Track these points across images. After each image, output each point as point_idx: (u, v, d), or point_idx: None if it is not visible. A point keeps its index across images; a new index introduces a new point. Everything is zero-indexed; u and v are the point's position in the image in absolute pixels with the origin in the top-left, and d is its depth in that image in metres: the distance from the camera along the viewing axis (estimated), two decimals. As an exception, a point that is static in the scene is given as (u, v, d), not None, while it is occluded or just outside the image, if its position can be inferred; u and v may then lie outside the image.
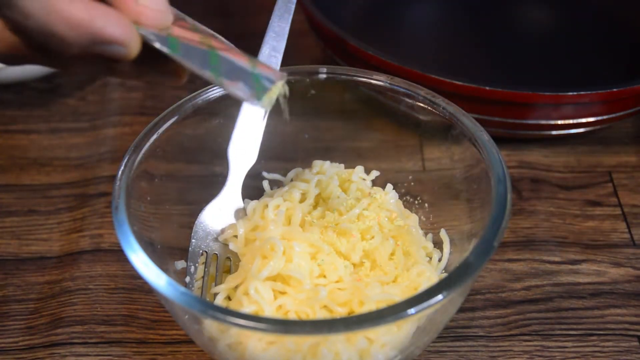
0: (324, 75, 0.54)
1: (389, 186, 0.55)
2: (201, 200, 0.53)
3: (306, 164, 0.57)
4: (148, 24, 0.37)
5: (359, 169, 0.55)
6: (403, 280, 0.48)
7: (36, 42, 0.35)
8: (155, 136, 0.50)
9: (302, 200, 0.53)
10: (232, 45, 0.41)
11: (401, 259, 0.49)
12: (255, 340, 0.43)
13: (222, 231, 0.53)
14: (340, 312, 0.45)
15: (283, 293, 0.46)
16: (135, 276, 0.52)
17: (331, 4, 0.72)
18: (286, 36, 0.52)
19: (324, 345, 0.42)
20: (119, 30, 0.35)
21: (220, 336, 0.44)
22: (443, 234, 0.53)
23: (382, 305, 0.45)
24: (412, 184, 0.57)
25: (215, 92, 0.53)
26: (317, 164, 0.56)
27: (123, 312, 0.54)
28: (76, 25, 0.34)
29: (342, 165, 0.57)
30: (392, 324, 0.42)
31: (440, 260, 0.52)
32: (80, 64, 0.38)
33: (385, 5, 0.80)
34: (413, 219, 0.54)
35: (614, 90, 0.60)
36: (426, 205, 0.56)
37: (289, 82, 0.54)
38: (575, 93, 0.60)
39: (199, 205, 0.53)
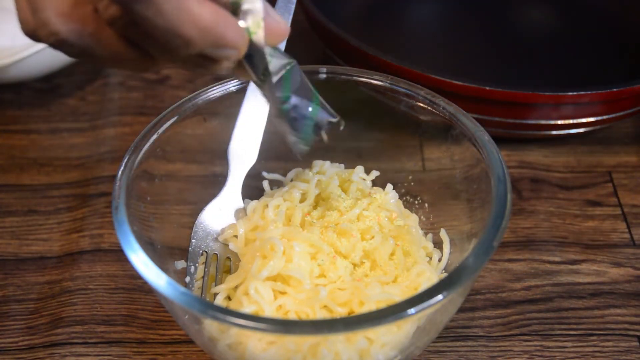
0: (324, 75, 0.54)
1: (389, 186, 0.55)
2: (201, 200, 0.53)
3: (306, 164, 0.57)
4: (272, 39, 0.38)
5: (359, 169, 0.55)
6: (403, 280, 0.48)
7: (157, 42, 0.35)
8: (155, 136, 0.50)
9: (302, 200, 0.53)
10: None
11: (401, 259, 0.49)
12: (255, 340, 0.43)
13: (222, 231, 0.53)
14: (340, 312, 0.45)
15: (283, 293, 0.46)
16: (135, 276, 0.52)
17: (331, 3, 0.72)
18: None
19: (324, 345, 0.42)
20: (237, 36, 0.36)
21: (220, 336, 0.44)
22: (443, 234, 0.53)
23: (382, 305, 0.45)
24: (412, 184, 0.57)
25: (215, 92, 0.53)
26: (317, 164, 0.56)
27: (123, 312, 0.54)
28: (203, 27, 0.34)
29: (342, 165, 0.57)
30: (392, 324, 0.42)
31: (440, 260, 0.52)
32: (184, 65, 0.38)
33: (385, 5, 0.80)
34: (413, 219, 0.54)
35: (614, 90, 0.60)
36: (426, 205, 0.56)
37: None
38: (575, 93, 0.60)
39: (199, 205, 0.53)
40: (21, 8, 0.37)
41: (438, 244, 0.53)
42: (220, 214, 0.53)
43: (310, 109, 0.42)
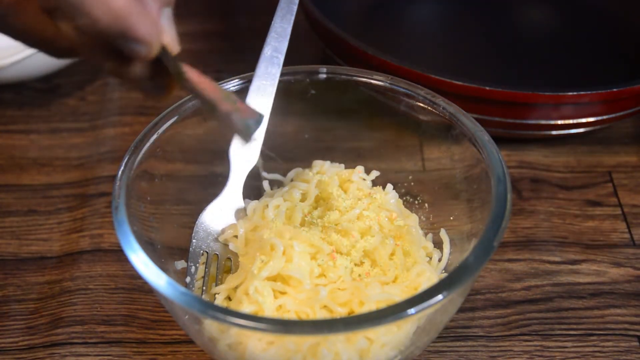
0: (324, 75, 0.54)
1: (389, 186, 0.55)
2: (201, 200, 0.53)
3: (306, 164, 0.57)
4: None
5: (359, 169, 0.55)
6: (403, 280, 0.48)
7: (65, 14, 0.35)
8: (155, 136, 0.50)
9: (302, 200, 0.53)
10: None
11: (401, 259, 0.49)
12: (255, 340, 0.43)
13: (223, 231, 0.52)
14: (340, 312, 0.45)
15: (283, 293, 0.46)
16: (135, 276, 0.52)
17: (331, 3, 0.72)
18: (288, 37, 0.52)
19: (324, 345, 0.42)
20: (149, 32, 0.36)
21: (220, 336, 0.44)
22: (443, 234, 0.53)
23: (382, 305, 0.45)
24: (412, 184, 0.57)
25: (215, 92, 0.53)
26: (317, 164, 0.56)
27: (123, 312, 0.54)
28: (114, 13, 0.35)
29: (342, 165, 0.57)
30: (392, 324, 0.42)
31: (440, 260, 0.52)
32: (92, 52, 0.38)
33: (385, 5, 0.80)
34: (413, 219, 0.54)
35: (614, 90, 0.60)
36: (426, 205, 0.56)
37: (289, 82, 0.54)
38: (575, 93, 0.60)
39: (199, 205, 0.53)
40: None
41: (438, 244, 0.53)
42: (221, 214, 0.53)
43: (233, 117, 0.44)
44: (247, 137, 0.47)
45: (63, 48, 0.39)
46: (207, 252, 0.51)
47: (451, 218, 0.53)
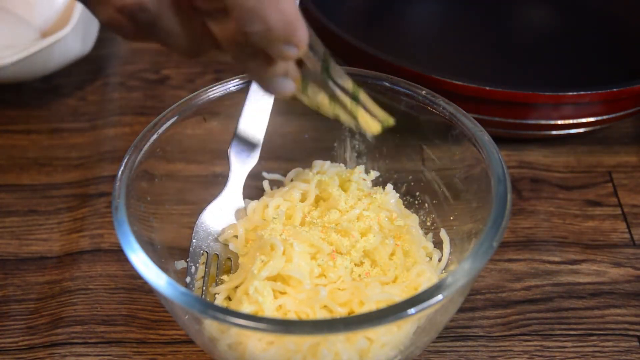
0: (324, 75, 0.54)
1: (389, 186, 0.55)
2: (201, 200, 0.53)
3: (306, 164, 0.57)
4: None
5: (359, 169, 0.55)
6: (403, 280, 0.48)
7: (238, 21, 0.35)
8: (155, 136, 0.50)
9: (302, 200, 0.53)
10: None
11: (401, 259, 0.49)
12: (255, 340, 0.43)
13: (223, 231, 0.53)
14: (340, 312, 0.45)
15: (283, 293, 0.46)
16: (135, 276, 0.52)
17: (331, 4, 0.72)
18: None
19: (324, 345, 0.42)
20: (305, 36, 0.36)
21: (220, 336, 0.44)
22: (443, 234, 0.53)
23: (382, 305, 0.45)
24: (412, 184, 0.57)
25: (215, 92, 0.53)
26: (317, 164, 0.56)
27: (123, 312, 0.54)
28: (287, 20, 0.34)
29: (342, 165, 0.57)
30: (392, 324, 0.42)
31: (440, 260, 0.52)
32: (239, 54, 0.37)
33: (385, 5, 0.80)
34: (413, 219, 0.54)
35: (614, 90, 0.60)
36: (426, 205, 0.56)
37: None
38: (575, 93, 0.60)
39: (199, 205, 0.53)
40: None
41: (438, 244, 0.53)
42: (221, 214, 0.53)
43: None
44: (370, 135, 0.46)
45: (201, 49, 0.38)
46: (207, 252, 0.51)
47: (451, 218, 0.53)
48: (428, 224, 0.55)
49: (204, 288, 0.50)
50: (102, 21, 0.37)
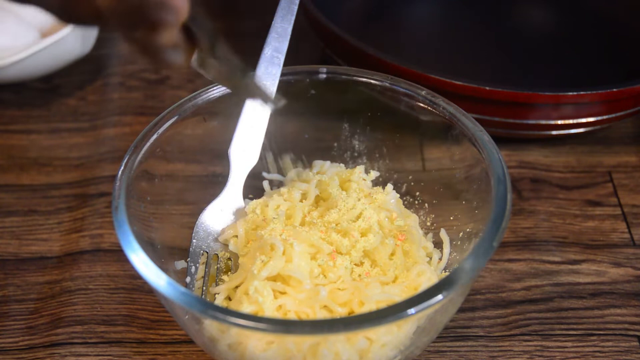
0: (324, 75, 0.54)
1: (389, 186, 0.55)
2: (201, 200, 0.53)
3: (306, 164, 0.57)
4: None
5: (359, 169, 0.55)
6: (403, 280, 0.48)
7: None
8: (155, 136, 0.50)
9: (302, 200, 0.53)
10: None
11: (401, 259, 0.49)
12: (255, 340, 0.43)
13: (223, 231, 0.53)
14: (340, 312, 0.45)
15: (283, 293, 0.46)
16: (135, 276, 0.53)
17: (331, 3, 0.72)
18: (289, 37, 0.52)
19: (324, 345, 0.42)
20: (183, 2, 0.36)
21: (220, 336, 0.44)
22: (443, 234, 0.53)
23: (382, 305, 0.45)
24: (412, 184, 0.57)
25: (215, 92, 0.53)
26: (317, 164, 0.56)
27: (123, 312, 0.54)
28: None
29: (342, 165, 0.57)
30: (392, 324, 0.42)
31: (440, 260, 0.52)
32: (121, 21, 0.37)
33: (385, 5, 0.80)
34: (413, 219, 0.54)
35: (614, 90, 0.60)
36: (426, 205, 0.56)
37: (289, 82, 0.54)
38: (575, 93, 0.60)
39: (199, 205, 0.53)
40: None
41: (438, 244, 0.53)
42: (221, 214, 0.53)
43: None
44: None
45: (86, 15, 0.38)
46: (207, 252, 0.51)
47: (451, 218, 0.53)
48: (428, 224, 0.55)
49: (204, 288, 0.50)
50: None
